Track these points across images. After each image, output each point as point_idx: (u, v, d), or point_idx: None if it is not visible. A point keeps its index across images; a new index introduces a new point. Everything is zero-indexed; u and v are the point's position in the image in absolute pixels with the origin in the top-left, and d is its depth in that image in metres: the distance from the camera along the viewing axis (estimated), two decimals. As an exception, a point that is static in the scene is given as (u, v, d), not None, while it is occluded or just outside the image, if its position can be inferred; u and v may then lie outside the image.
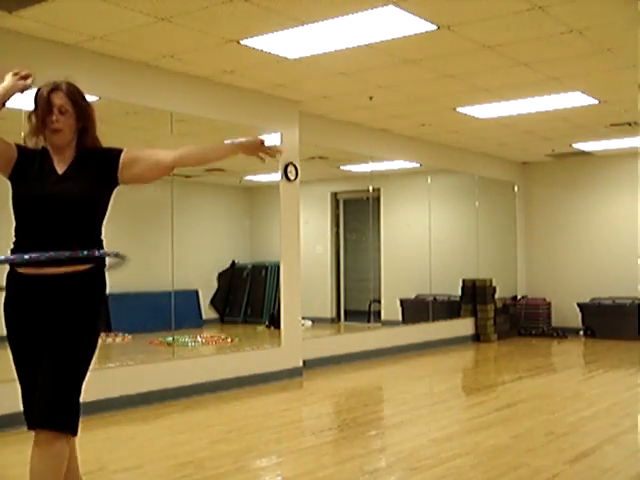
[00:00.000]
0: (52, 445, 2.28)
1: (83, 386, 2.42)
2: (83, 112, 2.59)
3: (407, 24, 4.68)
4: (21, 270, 2.47)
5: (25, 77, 2.54)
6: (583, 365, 8.30)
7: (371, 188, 9.03)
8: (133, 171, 2.59)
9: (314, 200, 10.17)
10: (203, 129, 6.86)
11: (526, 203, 11.22)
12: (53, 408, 2.30)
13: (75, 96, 2.59)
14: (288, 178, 6.84)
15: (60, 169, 2.54)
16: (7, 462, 4.05)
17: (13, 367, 2.52)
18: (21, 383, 2.52)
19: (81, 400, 2.40)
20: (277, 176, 6.81)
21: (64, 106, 2.54)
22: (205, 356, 6.91)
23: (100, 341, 2.54)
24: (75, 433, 2.37)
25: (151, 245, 9.32)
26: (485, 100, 6.93)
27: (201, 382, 5.99)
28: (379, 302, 9.75)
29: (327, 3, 4.35)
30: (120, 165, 2.58)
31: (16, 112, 5.19)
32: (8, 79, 2.53)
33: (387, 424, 5.21)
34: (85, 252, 2.42)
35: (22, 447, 4.35)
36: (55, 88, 2.56)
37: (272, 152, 2.68)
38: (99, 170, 2.56)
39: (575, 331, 10.26)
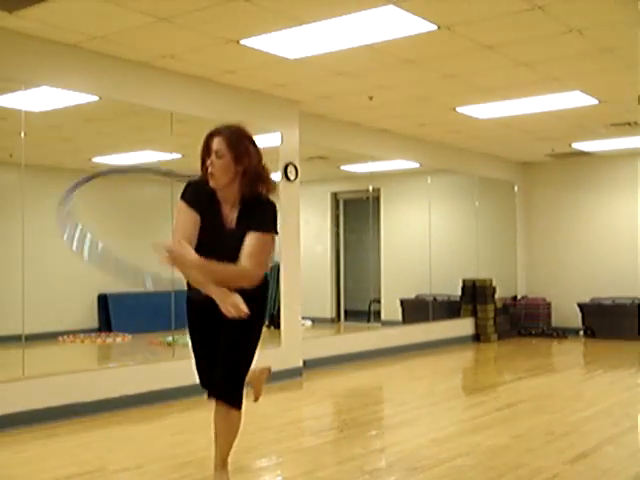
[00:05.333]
0: (229, 413, 3.06)
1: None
2: (240, 156, 2.68)
3: (407, 24, 4.68)
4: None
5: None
6: (583, 365, 8.30)
7: (371, 188, 9.03)
8: None
9: (314, 200, 10.16)
10: (203, 129, 6.85)
11: (526, 203, 11.22)
12: (229, 389, 3.06)
13: (233, 140, 2.67)
14: (288, 178, 6.84)
15: (228, 222, 2.86)
16: (7, 462, 4.04)
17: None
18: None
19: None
20: (277, 176, 6.81)
21: (220, 150, 2.68)
22: (205, 356, 6.89)
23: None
24: (240, 408, 3.08)
25: (150, 245, 9.32)
26: (485, 100, 6.92)
27: (201, 382, 5.98)
28: (379, 302, 9.75)
29: (327, 3, 4.35)
30: None
31: (16, 112, 5.25)
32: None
33: (387, 424, 5.20)
34: None
35: (22, 447, 4.38)
36: (214, 133, 2.73)
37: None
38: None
39: (575, 331, 10.26)
